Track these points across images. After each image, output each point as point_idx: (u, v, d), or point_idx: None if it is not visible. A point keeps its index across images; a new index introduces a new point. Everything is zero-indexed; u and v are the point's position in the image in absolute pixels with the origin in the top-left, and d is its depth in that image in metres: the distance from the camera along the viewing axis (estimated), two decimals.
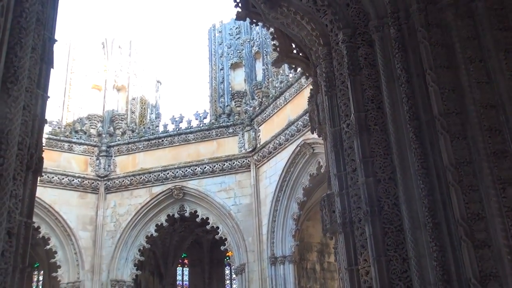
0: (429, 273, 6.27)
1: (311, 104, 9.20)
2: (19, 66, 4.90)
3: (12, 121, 4.73)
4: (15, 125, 4.78)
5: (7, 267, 4.54)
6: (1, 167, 4.52)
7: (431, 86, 7.01)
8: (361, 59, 7.71)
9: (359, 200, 7.10)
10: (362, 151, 7.18)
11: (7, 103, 4.71)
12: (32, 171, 5.13)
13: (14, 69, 4.83)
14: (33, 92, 5.25)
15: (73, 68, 27.47)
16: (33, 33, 5.31)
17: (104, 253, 23.39)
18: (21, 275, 4.78)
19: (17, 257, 4.72)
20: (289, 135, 20.71)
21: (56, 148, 24.34)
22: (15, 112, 4.80)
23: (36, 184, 5.19)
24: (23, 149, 4.95)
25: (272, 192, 21.27)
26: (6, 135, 4.62)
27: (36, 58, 5.39)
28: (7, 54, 4.84)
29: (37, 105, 5.35)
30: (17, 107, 4.84)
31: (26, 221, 4.93)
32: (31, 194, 5.09)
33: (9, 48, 4.90)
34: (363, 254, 6.90)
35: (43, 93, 5.48)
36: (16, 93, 4.79)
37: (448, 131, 6.69)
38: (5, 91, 4.73)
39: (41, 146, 5.35)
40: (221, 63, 27.73)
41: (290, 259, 20.64)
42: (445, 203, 6.46)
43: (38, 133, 5.33)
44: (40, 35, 5.52)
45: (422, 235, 6.48)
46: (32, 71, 5.26)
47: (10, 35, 4.94)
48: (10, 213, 4.66)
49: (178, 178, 23.65)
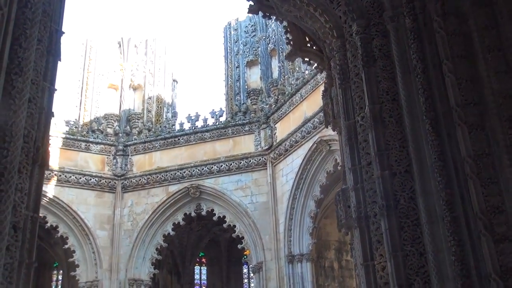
0: (447, 268, 6.07)
1: (325, 98, 9.03)
2: (24, 58, 4.82)
3: (16, 113, 4.65)
4: (20, 118, 4.70)
5: (12, 262, 4.47)
6: (5, 159, 4.44)
7: (447, 76, 6.80)
8: (376, 50, 7.52)
9: (375, 194, 6.93)
10: (377, 144, 7.00)
11: (11, 94, 4.64)
12: (39, 165, 5.06)
13: (19, 60, 4.76)
14: (39, 85, 5.17)
15: (89, 68, 27.55)
16: (39, 25, 5.24)
17: (121, 252, 23.44)
18: (28, 271, 4.70)
19: (23, 252, 4.65)
20: (305, 132, 20.53)
21: (73, 148, 24.46)
22: (20, 104, 4.72)
23: (42, 178, 5.12)
24: (29, 142, 4.88)
25: (288, 190, 21.11)
26: (10, 127, 4.54)
27: (43, 50, 5.32)
28: (11, 45, 4.78)
29: (44, 98, 5.27)
30: (22, 99, 4.77)
31: (32, 215, 4.86)
32: (38, 188, 5.01)
33: (14, 39, 4.83)
34: (379, 249, 6.72)
35: (50, 85, 5.40)
36: (20, 85, 4.71)
37: (466, 122, 6.47)
38: (9, 83, 4.66)
39: (47, 139, 5.27)
40: (237, 61, 27.61)
41: (307, 257, 20.46)
42: (463, 196, 6.25)
43: (45, 127, 5.25)
44: (46, 27, 5.45)
45: (439, 229, 6.28)
46: (38, 63, 5.19)
47: (15, 25, 4.87)
48: (16, 207, 4.59)
49: (195, 177, 23.61)
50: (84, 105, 26.79)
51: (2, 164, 4.42)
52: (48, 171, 23.05)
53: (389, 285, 6.41)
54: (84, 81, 27.33)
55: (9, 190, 4.44)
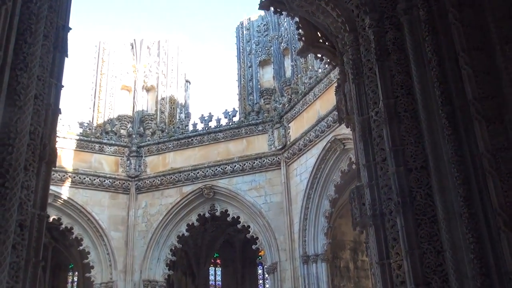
0: (466, 266, 5.88)
1: (338, 94, 8.87)
2: (29, 53, 4.73)
3: (22, 109, 4.56)
4: (25, 114, 4.62)
5: (19, 261, 4.39)
6: (10, 156, 4.36)
7: (464, 69, 6.60)
8: (389, 43, 7.35)
9: (390, 191, 6.76)
10: (392, 139, 6.83)
11: (16, 90, 4.55)
12: (46, 162, 4.98)
13: (24, 55, 4.68)
14: (45, 81, 5.09)
15: (102, 70, 27.63)
16: (45, 20, 5.16)
17: (136, 253, 23.41)
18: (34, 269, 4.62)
19: (30, 250, 4.57)
20: (319, 131, 20.35)
21: (87, 149, 24.49)
22: (25, 100, 4.64)
23: (50, 175, 5.03)
24: (35, 139, 4.79)
25: (303, 190, 20.93)
26: (15, 123, 4.46)
27: (49, 46, 5.24)
28: (16, 40, 4.69)
29: (51, 94, 5.19)
30: (28, 95, 4.68)
31: (39, 213, 4.77)
32: (45, 186, 4.93)
33: (19, 34, 4.75)
34: (395, 247, 6.56)
35: (56, 82, 5.32)
36: (26, 81, 4.62)
37: (484, 116, 6.27)
38: (14, 78, 4.57)
39: (55, 136, 5.19)
40: (250, 61, 27.51)
41: (322, 257, 20.25)
42: (482, 191, 6.05)
43: (52, 123, 5.16)
44: (53, 22, 5.37)
45: (457, 226, 6.10)
46: (45, 59, 5.11)
47: (20, 20, 4.79)
48: (22, 205, 4.51)
49: (208, 177, 23.52)
50: (98, 106, 26.85)
51: (7, 161, 4.33)
52: (63, 173, 23.18)
53: (406, 284, 6.24)
54: (97, 83, 27.42)
55: (14, 187, 4.35)
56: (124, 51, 28.50)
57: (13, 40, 4.62)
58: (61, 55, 5.46)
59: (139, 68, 28.18)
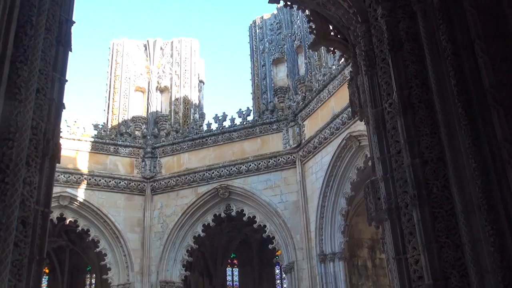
0: (486, 259, 5.66)
1: (351, 87, 8.68)
2: (30, 46, 4.63)
3: (23, 102, 4.45)
4: (27, 108, 4.51)
5: (21, 259, 4.27)
6: (10, 150, 4.24)
7: (480, 57, 6.38)
8: (402, 33, 7.16)
9: (405, 184, 6.57)
10: (406, 131, 6.64)
11: (17, 83, 4.44)
12: (49, 158, 4.86)
13: (24, 48, 4.57)
14: (48, 75, 4.98)
15: (116, 72, 27.68)
16: (47, 13, 5.06)
17: (152, 254, 23.35)
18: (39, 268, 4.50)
19: (33, 248, 4.45)
20: (334, 129, 20.11)
21: (102, 151, 24.49)
22: (27, 94, 4.53)
23: (53, 171, 4.91)
24: (38, 134, 4.68)
25: (319, 188, 20.70)
26: (15, 117, 4.35)
27: (51, 39, 5.13)
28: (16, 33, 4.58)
29: (54, 89, 5.08)
30: (30, 89, 4.57)
31: (43, 210, 4.66)
32: (49, 182, 4.82)
33: (19, 26, 4.64)
34: (411, 241, 6.36)
35: (60, 76, 5.22)
36: (26, 74, 4.51)
37: (501, 104, 6.04)
38: (14, 71, 4.47)
39: (58, 132, 5.07)
40: (263, 59, 27.36)
41: (340, 256, 20.00)
42: (501, 182, 5.82)
43: (55, 118, 5.05)
44: (55, 16, 5.26)
45: (476, 218, 5.88)
46: (47, 52, 5.00)
47: (20, 13, 4.68)
48: (24, 201, 4.39)
49: (223, 177, 23.38)
50: (112, 108, 26.90)
51: (7, 156, 4.22)
52: (78, 175, 23.23)
53: (423, 279, 6.04)
54: (111, 84, 27.48)
55: (16, 183, 4.23)
56: (137, 53, 28.53)
57: (13, 33, 4.52)
58: (65, 49, 5.36)
59: (152, 69, 28.18)
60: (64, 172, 23.11)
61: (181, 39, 29.24)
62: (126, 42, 28.72)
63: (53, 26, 5.16)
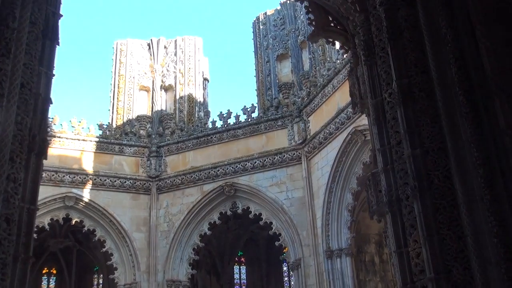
0: (489, 251, 5.47)
1: (351, 78, 8.51)
2: (12, 39, 4.49)
3: (5, 97, 4.31)
4: (10, 103, 4.37)
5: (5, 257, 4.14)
6: None
7: (482, 42, 6.18)
8: (402, 21, 6.96)
9: (406, 175, 6.39)
10: (406, 120, 6.45)
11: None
12: (36, 154, 4.73)
13: (6, 41, 4.44)
14: (34, 69, 4.84)
15: (120, 71, 27.62)
16: (32, 6, 4.93)
17: (159, 253, 23.29)
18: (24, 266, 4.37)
19: (18, 246, 4.32)
20: (339, 123, 19.93)
21: (107, 151, 24.46)
22: (10, 89, 4.40)
23: (40, 168, 4.78)
24: (23, 129, 4.55)
25: (324, 184, 20.53)
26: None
27: (37, 33, 5.00)
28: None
29: (40, 83, 4.94)
30: (13, 83, 4.44)
31: (29, 207, 4.53)
32: (35, 178, 4.68)
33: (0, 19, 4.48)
34: (412, 234, 6.18)
35: (47, 70, 5.09)
36: (8, 67, 4.38)
37: (504, 91, 5.85)
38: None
39: (45, 127, 4.94)
40: (267, 56, 27.17)
41: (347, 252, 19.84)
42: (504, 172, 5.63)
43: (42, 114, 4.93)
44: (41, 9, 5.13)
45: (479, 209, 5.68)
46: (32, 46, 4.87)
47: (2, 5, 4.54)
48: (8, 198, 4.26)
49: (229, 175, 23.27)
50: (117, 108, 26.84)
51: None
52: (83, 175, 23.19)
53: (425, 272, 5.86)
54: (115, 84, 27.43)
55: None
56: (141, 52, 28.45)
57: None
58: (52, 43, 5.22)
59: (156, 68, 28.09)
60: (69, 173, 23.11)
61: (184, 38, 29.11)
62: (130, 42, 28.65)
63: (39, 20, 5.03)
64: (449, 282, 5.70)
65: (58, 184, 22.84)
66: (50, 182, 22.61)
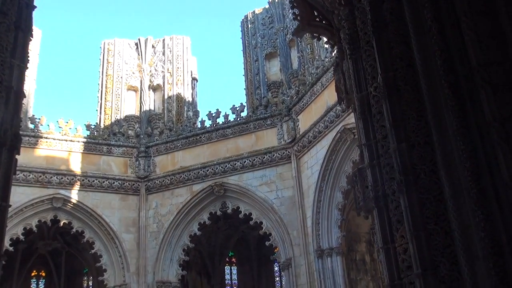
0: (477, 246, 5.35)
1: (337, 73, 8.39)
2: None
3: None
4: None
5: None
6: None
7: (467, 34, 6.06)
8: (387, 14, 6.84)
9: (392, 170, 6.26)
10: (392, 114, 6.33)
11: None
12: (8, 149, 4.56)
13: None
14: (5, 62, 4.69)
15: (108, 71, 27.41)
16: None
17: (148, 254, 23.11)
18: None
19: None
20: (328, 122, 19.85)
21: (95, 152, 24.27)
22: None
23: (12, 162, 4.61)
24: None
25: (314, 183, 20.45)
26: None
27: (9, 24, 4.83)
28: None
29: (12, 76, 4.77)
30: None
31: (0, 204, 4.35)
32: (7, 174, 4.52)
33: None
34: (399, 230, 6.06)
35: (19, 63, 4.93)
36: None
37: (490, 83, 5.72)
38: None
39: (18, 121, 4.77)
40: (256, 54, 27.07)
41: (337, 251, 19.75)
42: (491, 164, 5.50)
43: (14, 107, 4.75)
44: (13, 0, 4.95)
45: (466, 203, 5.56)
46: (4, 38, 4.71)
47: None
48: None
49: (218, 174, 23.13)
50: (105, 108, 26.64)
51: None
52: (71, 176, 22.96)
53: (412, 269, 5.73)
54: (103, 84, 27.25)
55: None
56: (129, 52, 28.26)
57: None
58: (24, 34, 5.07)
59: (144, 67, 27.92)
60: (57, 174, 22.88)
61: (172, 37, 28.95)
62: (118, 41, 28.46)
63: (10, 11, 4.86)
64: (436, 278, 5.58)
65: (46, 185, 22.61)
66: (38, 184, 22.41)
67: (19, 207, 21.80)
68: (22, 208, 21.99)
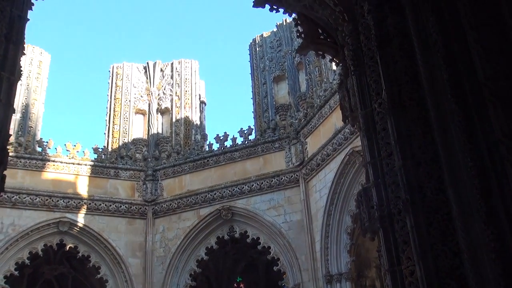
0: (487, 267, 5.08)
1: (341, 91, 8.19)
2: None
3: None
4: None
5: None
6: None
7: (473, 48, 5.87)
8: (391, 28, 6.67)
9: (398, 188, 6.02)
10: (397, 131, 6.11)
11: None
12: None
13: None
14: None
15: (116, 95, 27.44)
16: None
17: (154, 279, 22.78)
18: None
19: None
20: (337, 144, 19.60)
21: (102, 175, 24.13)
22: None
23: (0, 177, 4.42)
24: None
25: (323, 206, 20.12)
26: None
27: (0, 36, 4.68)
28: None
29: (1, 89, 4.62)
30: None
31: None
32: None
33: None
34: (406, 251, 5.78)
35: (9, 75, 4.77)
36: None
37: (498, 98, 5.49)
38: None
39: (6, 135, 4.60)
40: (264, 77, 27.01)
41: (346, 276, 19.33)
42: (501, 182, 5.24)
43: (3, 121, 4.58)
44: (4, 11, 4.83)
45: (475, 222, 5.30)
46: None
47: None
48: None
49: (226, 198, 22.88)
50: (112, 131, 26.59)
51: None
52: (78, 200, 22.81)
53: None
54: (111, 108, 27.25)
55: None
56: (137, 75, 28.32)
57: None
58: (15, 47, 4.93)
59: (153, 91, 27.92)
60: (64, 197, 22.76)
61: (181, 61, 29.01)
62: (126, 65, 28.54)
63: (1, 22, 4.73)
64: None
65: (52, 209, 22.47)
66: (44, 207, 22.28)
67: (25, 230, 21.67)
68: (28, 232, 21.85)
